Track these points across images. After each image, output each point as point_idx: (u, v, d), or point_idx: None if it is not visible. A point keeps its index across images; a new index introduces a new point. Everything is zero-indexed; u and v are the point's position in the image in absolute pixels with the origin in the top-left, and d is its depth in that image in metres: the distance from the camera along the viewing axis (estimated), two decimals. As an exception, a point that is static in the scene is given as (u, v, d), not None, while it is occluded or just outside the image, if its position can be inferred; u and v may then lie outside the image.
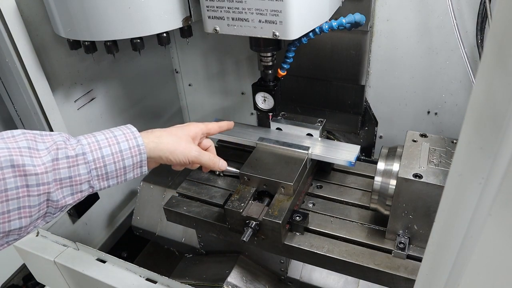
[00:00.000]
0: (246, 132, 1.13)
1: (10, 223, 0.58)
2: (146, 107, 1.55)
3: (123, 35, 0.93)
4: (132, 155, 0.70)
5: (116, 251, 1.52)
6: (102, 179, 0.68)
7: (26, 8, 1.02)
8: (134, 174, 0.73)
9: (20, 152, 0.58)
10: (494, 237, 0.39)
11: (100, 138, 0.68)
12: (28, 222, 0.60)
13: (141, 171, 0.74)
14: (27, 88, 1.07)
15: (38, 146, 0.62)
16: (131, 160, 0.70)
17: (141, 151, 0.71)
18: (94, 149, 0.66)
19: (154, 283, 1.06)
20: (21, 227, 0.60)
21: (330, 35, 1.05)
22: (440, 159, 0.86)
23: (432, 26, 1.12)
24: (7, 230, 0.58)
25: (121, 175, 0.70)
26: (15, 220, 0.58)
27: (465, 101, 1.22)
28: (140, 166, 0.72)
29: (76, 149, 0.64)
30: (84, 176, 0.65)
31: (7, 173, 0.56)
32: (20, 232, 0.61)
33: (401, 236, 0.91)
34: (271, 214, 0.92)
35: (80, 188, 0.65)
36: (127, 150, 0.69)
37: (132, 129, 0.73)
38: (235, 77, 1.57)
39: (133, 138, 0.71)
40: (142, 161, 0.72)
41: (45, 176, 0.60)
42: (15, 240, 0.62)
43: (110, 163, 0.67)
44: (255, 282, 1.16)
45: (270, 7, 0.80)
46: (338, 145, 1.08)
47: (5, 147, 0.58)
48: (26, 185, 0.58)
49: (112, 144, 0.68)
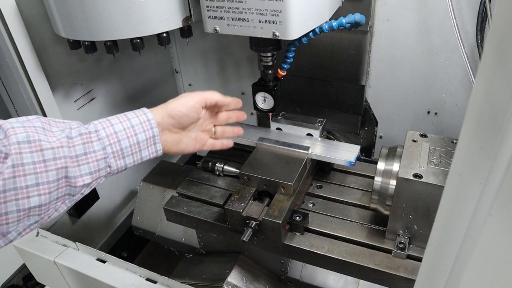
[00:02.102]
0: (246, 132, 1.13)
1: (30, 200, 0.59)
2: (146, 107, 1.55)
3: (123, 35, 0.93)
4: (144, 130, 0.71)
5: (116, 251, 1.52)
6: (118, 157, 0.68)
7: (26, 8, 1.02)
8: (149, 153, 0.73)
9: (36, 130, 0.61)
10: (494, 237, 0.39)
11: (111, 118, 0.70)
12: (48, 199, 0.61)
13: (155, 149, 0.74)
14: (27, 88, 1.07)
15: (52, 129, 0.64)
16: (144, 135, 0.71)
17: (152, 125, 0.72)
18: (106, 126, 0.68)
19: (154, 283, 1.06)
20: (40, 204, 0.60)
21: (330, 35, 1.05)
22: (440, 159, 0.86)
23: (432, 26, 1.12)
24: (27, 207, 0.59)
25: (136, 152, 0.71)
26: (34, 196, 0.59)
27: (465, 101, 1.22)
28: (154, 142, 0.73)
29: (89, 128, 0.67)
30: (100, 153, 0.66)
31: (23, 148, 0.58)
32: (41, 212, 0.61)
33: (401, 236, 0.91)
34: (271, 214, 0.92)
35: (98, 166, 0.66)
36: (138, 125, 0.71)
37: (143, 108, 0.75)
38: (235, 77, 1.57)
39: (143, 114, 0.73)
40: (155, 136, 0.73)
41: (61, 150, 0.62)
42: (36, 223, 0.63)
43: (123, 138, 0.69)
44: (255, 282, 1.15)
45: (270, 7, 0.80)
46: (338, 145, 1.08)
47: (21, 126, 0.60)
48: (43, 160, 0.59)
49: (123, 121, 0.70)
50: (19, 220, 0.59)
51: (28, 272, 1.61)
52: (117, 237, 1.54)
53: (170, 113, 0.78)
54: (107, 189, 1.45)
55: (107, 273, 1.10)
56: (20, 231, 0.61)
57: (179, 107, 0.80)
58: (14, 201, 0.57)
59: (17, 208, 0.58)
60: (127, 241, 1.55)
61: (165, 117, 0.77)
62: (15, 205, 0.58)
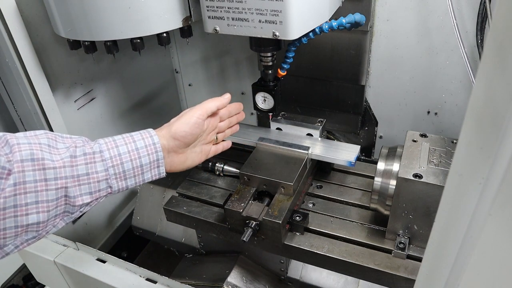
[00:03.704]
0: (246, 132, 1.13)
1: (28, 217, 0.59)
2: (146, 107, 1.55)
3: (123, 35, 0.93)
4: (148, 153, 0.71)
5: (116, 251, 1.52)
6: (120, 178, 0.68)
7: (26, 8, 1.02)
8: (152, 175, 0.73)
9: (41, 147, 0.61)
10: (494, 237, 0.39)
11: (117, 138, 0.70)
12: (46, 217, 0.61)
13: (158, 172, 0.74)
14: (27, 88, 1.07)
15: (58, 145, 0.64)
16: (147, 158, 0.71)
17: (157, 149, 0.72)
18: (111, 147, 0.68)
19: (154, 283, 1.06)
20: (38, 222, 0.60)
21: (330, 35, 1.05)
22: (440, 159, 0.86)
23: (432, 26, 1.12)
24: (25, 224, 0.59)
25: (139, 174, 0.71)
26: (32, 214, 0.59)
27: (465, 101, 1.22)
28: (157, 165, 0.73)
29: (94, 147, 0.66)
30: (102, 174, 0.66)
31: (26, 166, 0.58)
32: (39, 229, 0.62)
33: (401, 236, 0.91)
34: (271, 214, 0.92)
35: (98, 186, 0.66)
36: (143, 148, 0.70)
37: (150, 130, 0.74)
38: (235, 77, 1.57)
39: (149, 136, 0.72)
40: (159, 160, 0.73)
41: (63, 170, 0.62)
42: (34, 238, 0.63)
43: (127, 161, 0.68)
44: (255, 282, 1.15)
45: (270, 7, 0.80)
46: (338, 145, 1.08)
47: (26, 142, 0.60)
48: (44, 179, 0.60)
49: (129, 143, 0.70)
50: (16, 235, 0.60)
51: (28, 272, 1.61)
52: (117, 237, 1.54)
53: (175, 136, 0.77)
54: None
55: (107, 273, 1.10)
56: (17, 245, 0.62)
57: (183, 127, 0.79)
58: (13, 217, 0.58)
59: (15, 224, 0.58)
60: (127, 241, 1.55)
61: (170, 140, 0.77)
62: (13, 222, 0.58)
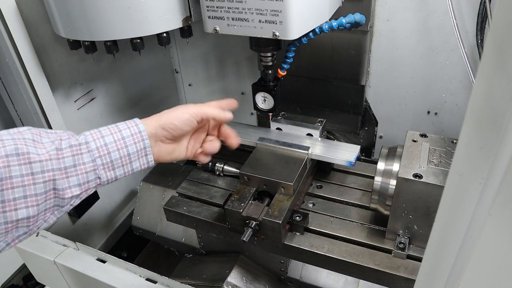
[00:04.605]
0: (246, 132, 1.13)
1: (18, 212, 0.59)
2: (146, 107, 1.55)
3: (123, 35, 0.93)
4: (135, 142, 0.70)
5: (116, 251, 1.52)
6: (108, 168, 0.68)
7: (26, 8, 1.02)
8: (140, 164, 0.72)
9: (25, 142, 0.60)
10: (494, 237, 0.39)
11: (103, 129, 0.70)
12: (36, 211, 0.61)
13: (147, 161, 0.73)
14: (27, 88, 1.07)
15: (42, 140, 0.63)
16: (134, 147, 0.70)
17: (143, 137, 0.71)
18: (97, 138, 0.67)
19: (154, 283, 1.06)
20: (28, 216, 0.60)
21: (330, 35, 1.05)
22: (440, 159, 0.86)
23: (432, 26, 1.12)
24: (14, 219, 0.59)
25: (127, 163, 0.70)
26: (22, 209, 0.59)
27: (465, 101, 1.22)
28: (145, 154, 0.72)
29: (80, 139, 0.66)
30: (89, 165, 0.65)
31: (12, 161, 0.58)
32: (29, 224, 0.61)
33: (401, 236, 0.91)
34: (271, 214, 0.92)
35: (87, 178, 0.65)
36: (129, 136, 0.70)
37: (135, 119, 0.74)
38: (235, 77, 1.57)
39: (135, 125, 0.72)
40: (146, 148, 0.72)
41: (49, 163, 0.61)
42: (25, 234, 0.63)
43: (113, 150, 0.68)
44: (255, 282, 1.15)
45: (270, 7, 0.80)
46: (338, 145, 1.08)
47: (10, 138, 0.60)
48: (31, 173, 0.59)
49: (114, 132, 0.69)
50: (7, 232, 0.60)
51: (28, 272, 1.61)
52: (117, 237, 1.54)
53: (163, 126, 0.76)
54: (107, 189, 1.45)
55: (107, 273, 1.10)
56: (8, 242, 0.62)
57: (173, 121, 0.77)
58: (2, 213, 0.57)
59: (4, 220, 0.58)
60: (127, 241, 1.55)
61: (159, 129, 0.75)
62: (2, 217, 0.58)
